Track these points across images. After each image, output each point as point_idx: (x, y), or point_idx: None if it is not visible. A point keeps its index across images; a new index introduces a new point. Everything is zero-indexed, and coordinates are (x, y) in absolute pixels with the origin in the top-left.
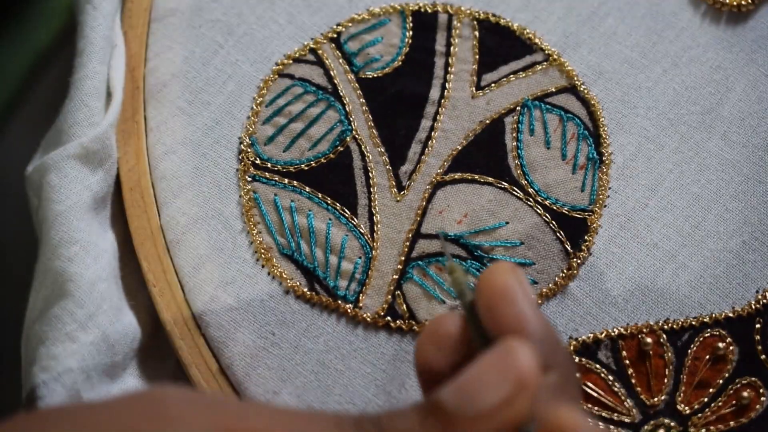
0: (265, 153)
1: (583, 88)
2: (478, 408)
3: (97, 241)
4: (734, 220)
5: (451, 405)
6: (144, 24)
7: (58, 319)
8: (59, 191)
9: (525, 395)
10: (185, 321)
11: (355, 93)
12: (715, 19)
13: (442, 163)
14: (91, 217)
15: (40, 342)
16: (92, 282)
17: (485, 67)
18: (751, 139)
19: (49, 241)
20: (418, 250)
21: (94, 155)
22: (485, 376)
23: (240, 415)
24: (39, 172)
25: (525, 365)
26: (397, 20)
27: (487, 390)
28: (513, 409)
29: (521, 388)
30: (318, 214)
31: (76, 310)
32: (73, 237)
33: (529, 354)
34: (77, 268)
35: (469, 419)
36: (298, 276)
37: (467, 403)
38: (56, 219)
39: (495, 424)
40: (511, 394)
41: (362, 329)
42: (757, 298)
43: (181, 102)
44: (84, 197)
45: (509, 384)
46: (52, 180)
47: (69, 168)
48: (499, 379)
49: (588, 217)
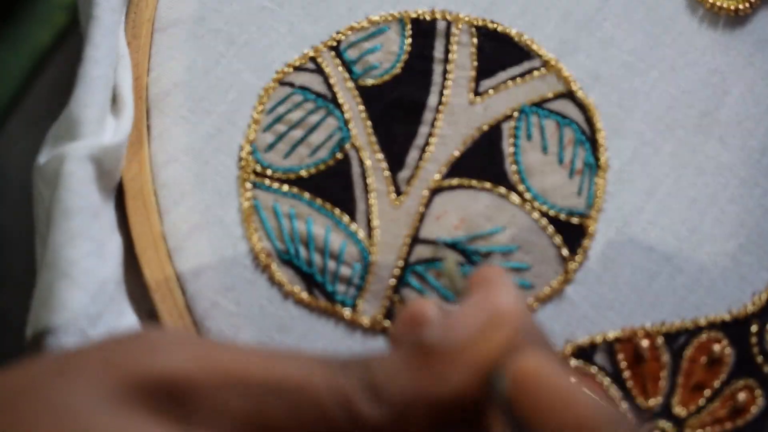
0: (265, 160)
1: (580, 93)
2: (455, 340)
3: (107, 240)
4: (731, 223)
5: (431, 341)
6: (147, 34)
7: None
8: (81, 184)
9: (502, 328)
10: (187, 328)
11: (354, 100)
12: (712, 23)
13: (440, 168)
14: (103, 217)
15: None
16: (103, 282)
17: (483, 73)
18: (747, 142)
19: (67, 230)
20: (416, 256)
21: (110, 159)
22: (465, 313)
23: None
24: (57, 161)
25: (502, 301)
26: (396, 28)
27: (464, 324)
28: (489, 342)
29: (498, 319)
30: (317, 220)
31: (89, 305)
32: (89, 233)
33: (507, 291)
34: (91, 264)
35: (448, 353)
36: (297, 281)
37: (447, 337)
38: (75, 210)
39: (471, 358)
40: (486, 327)
41: (360, 334)
42: (753, 300)
43: (183, 111)
44: (95, 198)
45: (484, 317)
46: (75, 170)
47: (89, 164)
48: (477, 313)
49: (584, 221)
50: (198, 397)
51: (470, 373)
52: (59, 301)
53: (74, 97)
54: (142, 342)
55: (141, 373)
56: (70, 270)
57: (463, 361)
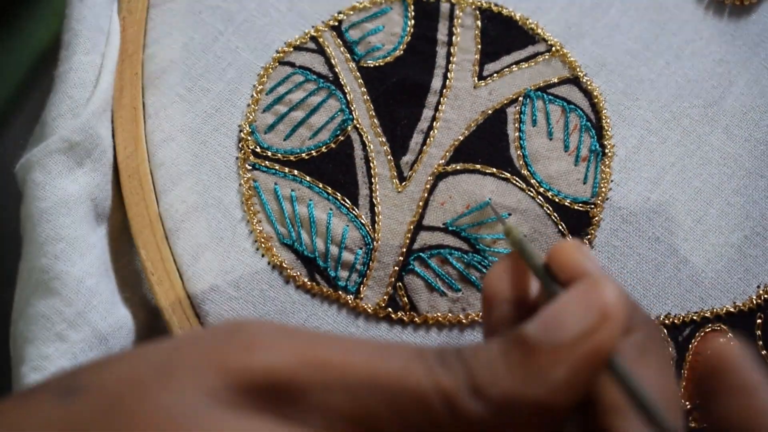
0: (265, 141)
1: (585, 79)
2: (560, 337)
3: (84, 235)
4: (736, 215)
5: (533, 336)
6: (143, 9)
7: (47, 319)
8: (43, 188)
9: (609, 326)
10: (184, 310)
11: (357, 82)
12: (718, 12)
13: (444, 153)
14: (79, 210)
15: (28, 341)
16: (80, 279)
17: (487, 56)
18: (753, 133)
19: (34, 240)
20: (419, 242)
21: (78, 147)
22: (569, 308)
23: (320, 342)
24: (24, 169)
25: (609, 296)
26: (398, 9)
27: (571, 320)
28: (596, 340)
29: (605, 318)
30: (319, 204)
31: (64, 309)
32: (59, 234)
33: (613, 287)
34: (64, 266)
35: (552, 350)
36: (298, 266)
37: (550, 333)
38: (41, 217)
39: (577, 356)
40: (595, 324)
41: (363, 320)
42: (759, 293)
43: (180, 89)
44: (70, 191)
45: (592, 313)
46: (36, 177)
47: (52, 163)
48: (583, 309)
49: (590, 209)
50: (302, 395)
51: (576, 371)
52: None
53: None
54: (240, 335)
55: (243, 370)
56: (41, 277)
57: (570, 359)
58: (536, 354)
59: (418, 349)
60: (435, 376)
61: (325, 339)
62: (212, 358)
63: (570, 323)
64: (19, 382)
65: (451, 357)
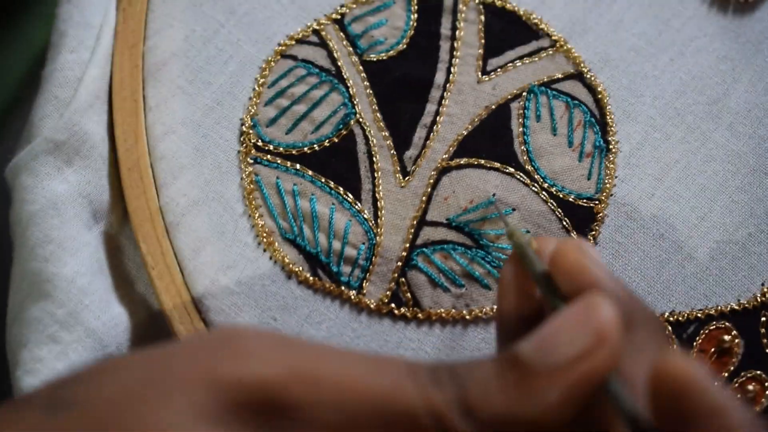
0: (267, 135)
1: (589, 75)
2: (555, 360)
3: (75, 235)
4: (740, 212)
5: (527, 357)
6: (144, 1)
7: (39, 321)
8: (32, 191)
9: (605, 349)
10: (185, 305)
11: (359, 76)
12: (722, 9)
13: (448, 148)
14: (69, 210)
15: (22, 345)
16: (71, 279)
17: (491, 51)
18: (757, 130)
19: (24, 243)
20: (423, 238)
21: (64, 145)
22: (564, 329)
23: (313, 355)
24: (12, 173)
25: (605, 318)
26: (401, 2)
27: (566, 342)
28: (592, 363)
29: (601, 341)
30: (321, 199)
31: (56, 311)
32: (48, 236)
33: (609, 308)
34: (54, 268)
35: (546, 372)
36: (300, 261)
37: (544, 355)
38: (30, 220)
39: (573, 379)
40: (590, 347)
41: (366, 316)
42: (763, 290)
43: (181, 81)
44: (59, 191)
45: (588, 337)
46: (23, 181)
47: (39, 165)
48: (578, 331)
49: (594, 206)
50: (291, 410)
51: (570, 393)
52: (27, 314)
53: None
54: (231, 345)
55: (234, 382)
56: (33, 280)
57: (563, 382)
58: (530, 376)
59: (412, 366)
60: (426, 394)
61: (319, 351)
62: (202, 370)
63: (565, 345)
64: (16, 385)
65: (444, 375)
